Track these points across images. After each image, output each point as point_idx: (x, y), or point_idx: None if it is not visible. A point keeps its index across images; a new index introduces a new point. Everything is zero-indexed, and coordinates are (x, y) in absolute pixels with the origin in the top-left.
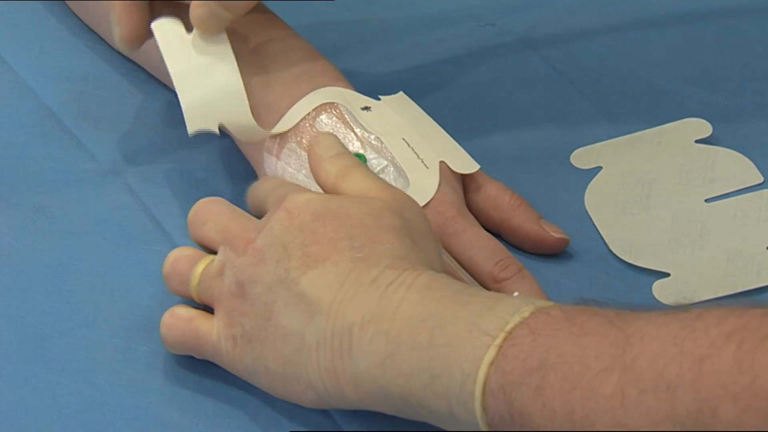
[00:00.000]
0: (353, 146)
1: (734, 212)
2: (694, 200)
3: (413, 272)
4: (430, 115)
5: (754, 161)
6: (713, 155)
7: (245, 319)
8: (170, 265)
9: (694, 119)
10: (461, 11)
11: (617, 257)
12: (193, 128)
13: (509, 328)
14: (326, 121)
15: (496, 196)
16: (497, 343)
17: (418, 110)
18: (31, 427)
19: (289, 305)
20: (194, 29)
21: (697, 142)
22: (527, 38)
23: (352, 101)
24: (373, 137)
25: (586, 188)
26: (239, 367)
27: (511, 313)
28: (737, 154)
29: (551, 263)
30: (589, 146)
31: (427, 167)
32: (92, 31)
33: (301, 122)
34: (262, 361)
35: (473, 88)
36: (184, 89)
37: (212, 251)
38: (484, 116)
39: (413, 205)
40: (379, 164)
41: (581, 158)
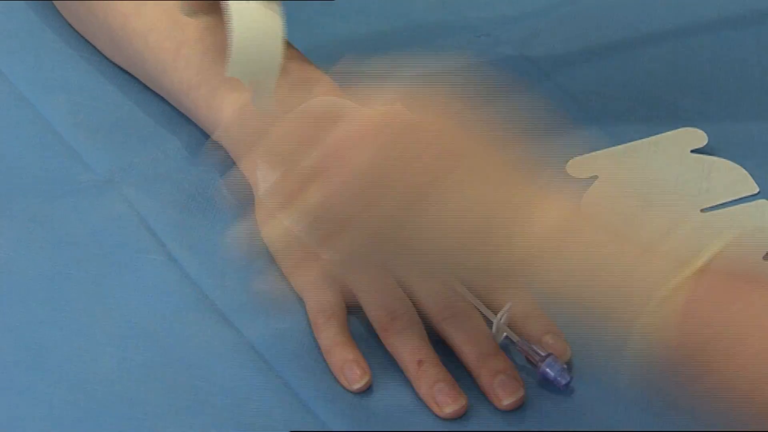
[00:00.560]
0: None
1: (731, 222)
2: (690, 210)
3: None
4: None
5: (749, 171)
6: (709, 165)
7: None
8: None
9: (690, 129)
10: (458, 22)
11: None
12: None
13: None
14: None
15: None
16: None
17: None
18: None
19: None
20: None
21: (693, 152)
22: (524, 49)
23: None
24: None
25: (581, 198)
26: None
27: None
28: (733, 164)
29: None
30: (585, 156)
31: None
32: (88, 42)
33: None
34: None
35: None
36: None
37: None
38: None
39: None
40: None
41: (577, 168)
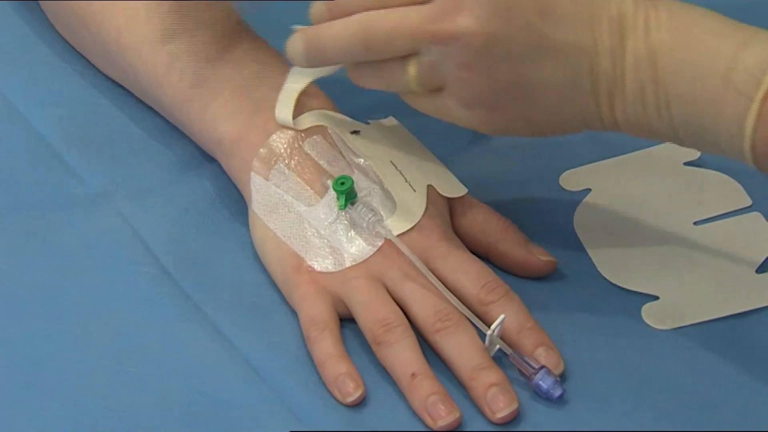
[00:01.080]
0: (340, 169)
1: (723, 235)
2: (682, 223)
3: (647, 2)
4: (419, 138)
5: (742, 184)
6: (702, 178)
7: (483, 90)
8: (376, 83)
9: None
10: None
11: (606, 280)
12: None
13: (763, 91)
14: (315, 144)
15: (483, 220)
16: (755, 109)
17: (407, 134)
18: None
19: (544, 60)
20: None
21: (685, 164)
22: None
23: (341, 125)
24: (361, 160)
25: (575, 210)
26: (487, 128)
27: (762, 70)
28: (726, 176)
29: (539, 286)
30: (578, 168)
31: (414, 190)
32: (81, 56)
33: (289, 146)
34: (520, 118)
35: None
36: None
37: None
38: (472, 139)
39: None
40: (366, 187)
41: (570, 180)
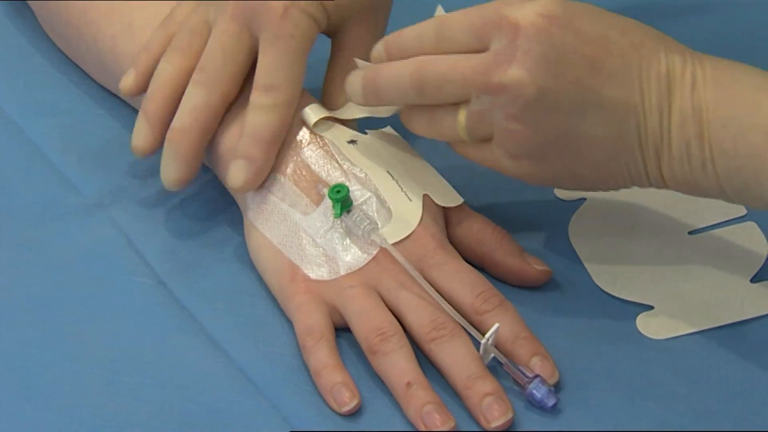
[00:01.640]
0: (336, 178)
1: (718, 245)
2: (677, 233)
3: (694, 59)
4: (415, 148)
5: None
6: None
7: (531, 142)
8: (427, 130)
9: None
10: None
11: (601, 289)
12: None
13: None
14: (312, 152)
15: (478, 229)
16: None
17: (404, 144)
18: None
19: (592, 115)
20: None
21: None
22: None
23: (338, 134)
24: (357, 169)
25: (570, 220)
26: (533, 179)
27: None
28: None
29: (534, 296)
30: None
31: (410, 200)
32: (77, 66)
33: (285, 154)
34: (566, 171)
35: None
36: None
37: None
38: None
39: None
40: (362, 195)
41: (565, 190)
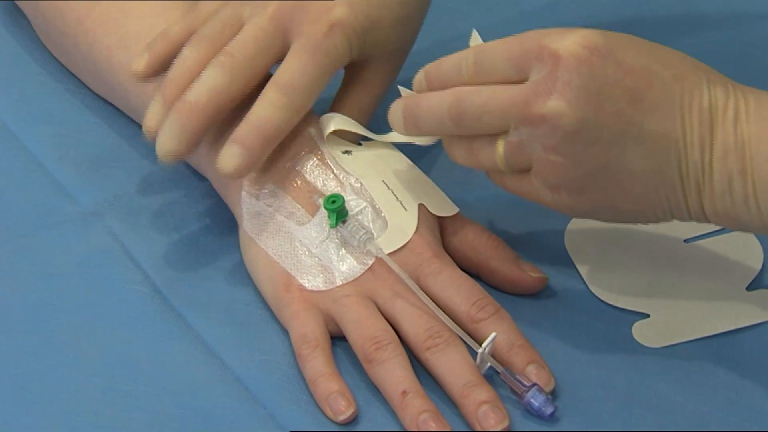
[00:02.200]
0: (332, 188)
1: (714, 253)
2: (673, 241)
3: (737, 92)
4: (411, 156)
5: None
6: None
7: (569, 174)
8: (466, 160)
9: None
10: (446, 50)
11: (597, 298)
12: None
13: None
14: (307, 163)
15: (473, 237)
16: None
17: (398, 154)
18: None
19: (633, 148)
20: None
21: None
22: None
23: (333, 144)
24: (353, 179)
25: (565, 228)
26: (572, 212)
27: None
28: None
29: (530, 303)
30: None
31: (405, 209)
32: (73, 75)
33: (281, 164)
34: (605, 204)
35: None
36: None
37: None
38: None
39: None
40: (357, 205)
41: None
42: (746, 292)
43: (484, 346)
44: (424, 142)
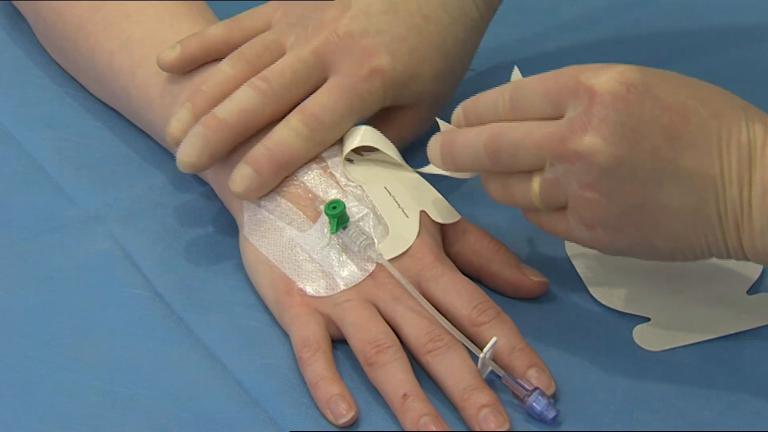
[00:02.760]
0: (333, 195)
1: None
2: None
3: None
4: (412, 163)
5: None
6: None
7: (606, 212)
8: (501, 196)
9: None
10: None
11: (597, 302)
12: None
13: None
14: (309, 170)
15: (475, 241)
16: None
17: (401, 161)
18: None
19: (669, 185)
20: None
21: None
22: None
23: (335, 151)
24: (354, 186)
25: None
26: (608, 250)
27: None
28: None
29: (531, 307)
30: None
31: (407, 216)
32: (73, 78)
33: None
34: (642, 242)
35: None
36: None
37: None
38: None
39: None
40: (359, 212)
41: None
42: (746, 296)
43: (485, 350)
44: (462, 175)
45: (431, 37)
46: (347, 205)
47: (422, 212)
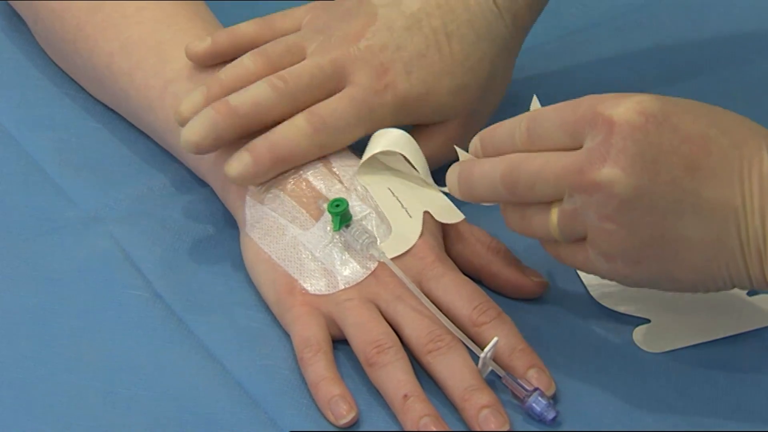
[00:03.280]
0: (336, 193)
1: None
2: None
3: None
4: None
5: None
6: None
7: (625, 244)
8: (519, 227)
9: None
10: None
11: (598, 303)
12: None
13: None
14: (312, 168)
15: (476, 241)
16: None
17: (404, 161)
18: None
19: (690, 216)
20: None
21: None
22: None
23: (340, 151)
24: (358, 185)
25: None
26: (628, 282)
27: None
28: None
29: (531, 308)
30: None
31: (410, 216)
32: (73, 80)
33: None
34: (663, 274)
35: None
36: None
37: None
38: None
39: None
40: (362, 211)
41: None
42: (747, 297)
43: (486, 350)
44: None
45: (453, 54)
46: (350, 203)
47: (425, 212)
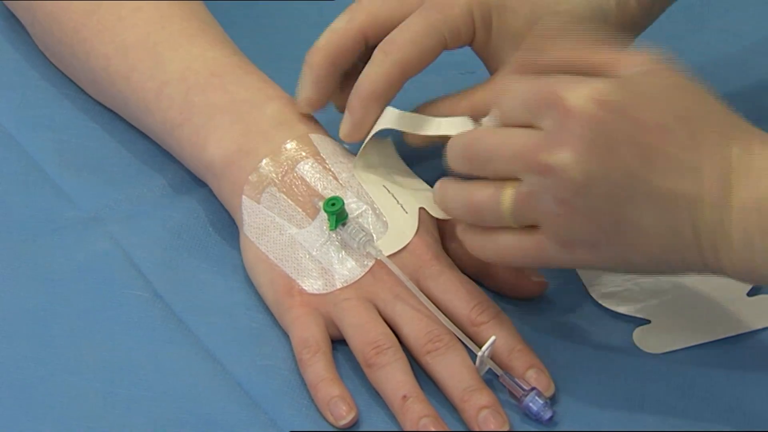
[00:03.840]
0: (332, 191)
1: None
2: None
3: (755, 147)
4: (411, 162)
5: None
6: None
7: (581, 227)
8: (468, 207)
9: None
10: (442, 59)
11: (597, 303)
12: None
13: None
14: (308, 167)
15: None
16: None
17: (399, 161)
18: None
19: (644, 206)
20: None
21: None
22: None
23: (334, 148)
24: (353, 183)
25: None
26: (584, 268)
27: None
28: None
29: (530, 308)
30: None
31: (406, 212)
32: (73, 81)
33: (280, 168)
34: (619, 259)
35: None
36: None
37: None
38: None
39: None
40: (358, 208)
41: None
42: (746, 298)
43: (483, 349)
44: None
45: None
46: (346, 200)
47: (421, 209)
